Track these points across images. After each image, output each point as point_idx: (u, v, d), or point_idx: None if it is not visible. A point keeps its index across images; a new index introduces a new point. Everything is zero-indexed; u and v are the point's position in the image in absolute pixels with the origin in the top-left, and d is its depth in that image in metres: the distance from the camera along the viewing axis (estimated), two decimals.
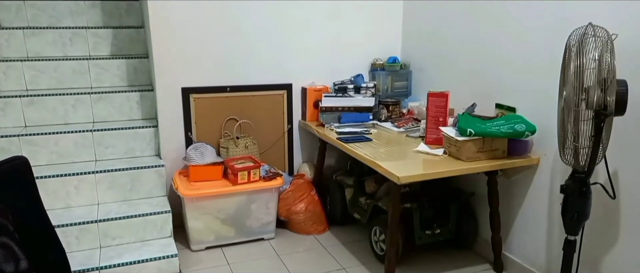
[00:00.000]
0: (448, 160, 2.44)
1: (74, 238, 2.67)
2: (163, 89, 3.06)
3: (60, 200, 2.83)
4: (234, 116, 3.25)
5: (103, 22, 3.61)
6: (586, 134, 1.81)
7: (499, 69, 2.66)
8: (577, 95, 1.78)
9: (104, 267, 2.55)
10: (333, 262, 2.86)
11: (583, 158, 1.86)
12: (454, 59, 3.02)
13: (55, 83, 3.28)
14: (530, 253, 2.59)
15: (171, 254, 2.68)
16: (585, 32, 1.78)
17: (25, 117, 3.07)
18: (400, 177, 2.20)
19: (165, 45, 2.99)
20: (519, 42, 2.51)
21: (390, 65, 3.43)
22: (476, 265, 2.81)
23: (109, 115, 3.23)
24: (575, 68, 1.78)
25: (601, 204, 2.13)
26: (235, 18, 3.11)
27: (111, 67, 3.38)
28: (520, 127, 2.35)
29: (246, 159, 3.08)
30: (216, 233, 2.98)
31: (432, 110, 2.67)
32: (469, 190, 2.89)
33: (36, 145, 2.93)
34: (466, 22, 2.89)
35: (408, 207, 2.70)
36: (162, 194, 3.04)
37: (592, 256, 2.22)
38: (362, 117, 3.17)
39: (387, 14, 3.49)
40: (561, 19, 2.24)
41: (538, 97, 2.41)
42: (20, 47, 3.34)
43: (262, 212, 3.05)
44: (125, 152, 3.11)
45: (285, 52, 3.27)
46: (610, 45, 1.75)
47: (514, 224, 2.68)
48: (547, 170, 2.43)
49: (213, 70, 3.14)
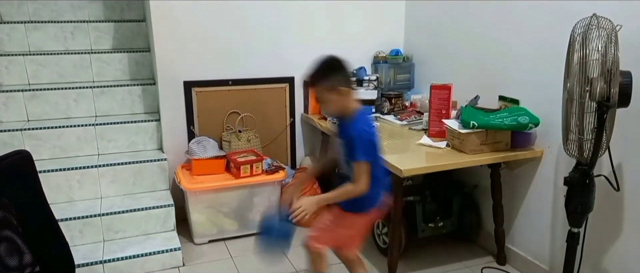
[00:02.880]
0: (451, 152, 2.43)
1: (78, 232, 2.68)
2: (165, 82, 3.06)
3: (63, 194, 2.84)
4: (236, 109, 3.24)
5: (104, 16, 3.60)
6: (589, 126, 1.80)
7: (503, 61, 2.65)
8: (581, 86, 1.77)
9: (108, 260, 2.56)
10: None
11: (587, 150, 1.85)
12: (457, 51, 3.00)
13: (57, 77, 3.28)
14: (534, 245, 2.59)
15: (174, 247, 2.69)
16: (590, 23, 1.77)
17: (28, 112, 3.07)
18: (403, 170, 2.20)
19: (167, 38, 2.98)
20: (522, 34, 2.50)
21: (392, 58, 3.41)
22: (479, 257, 2.81)
23: (111, 109, 3.23)
24: (579, 59, 1.77)
25: (605, 196, 2.12)
26: (237, 11, 3.10)
27: (113, 60, 3.38)
28: (524, 120, 2.34)
29: (248, 153, 3.07)
30: (219, 226, 2.99)
31: (435, 102, 2.65)
32: (472, 183, 2.88)
33: (39, 140, 2.93)
34: (469, 14, 2.87)
35: (411, 200, 2.70)
36: (165, 188, 3.04)
37: (595, 248, 2.22)
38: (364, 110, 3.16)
39: (389, 6, 3.47)
40: (565, 11, 2.22)
41: (542, 89, 2.40)
42: (22, 41, 3.34)
43: (264, 205, 3.05)
44: (128, 146, 3.12)
45: (288, 45, 3.25)
46: (615, 37, 1.74)
47: (517, 217, 2.68)
48: (551, 162, 2.42)
49: (215, 63, 3.13)
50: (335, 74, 1.86)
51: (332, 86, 1.85)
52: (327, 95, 1.87)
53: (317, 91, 1.90)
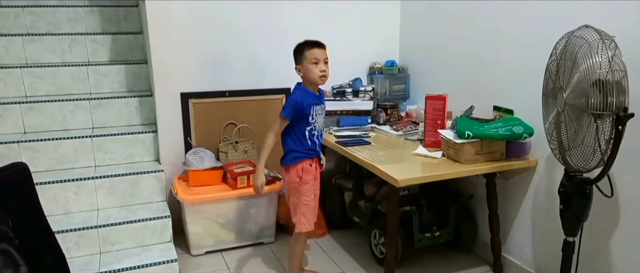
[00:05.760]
0: (446, 162, 2.45)
1: (74, 244, 2.67)
2: (162, 94, 3.07)
3: (60, 206, 2.83)
4: (233, 121, 3.26)
5: (102, 28, 3.62)
6: (592, 136, 1.76)
7: (497, 72, 2.67)
8: (592, 98, 1.71)
9: (104, 272, 2.55)
10: (333, 266, 2.86)
11: (594, 160, 1.81)
12: (452, 62, 3.03)
13: (54, 89, 3.28)
14: (529, 254, 2.59)
15: (171, 259, 2.68)
16: (582, 34, 1.78)
17: (25, 123, 3.07)
18: (399, 180, 2.21)
19: (163, 50, 3.00)
20: (516, 45, 2.52)
21: (388, 69, 3.44)
22: (475, 267, 2.81)
23: (108, 120, 3.24)
24: (588, 68, 1.72)
25: (599, 203, 2.13)
26: (233, 23, 3.12)
27: (110, 72, 3.39)
28: (518, 129, 2.36)
29: (245, 163, 3.08)
30: (216, 237, 2.98)
31: (430, 113, 2.67)
32: (467, 193, 2.89)
33: (35, 151, 2.93)
34: (464, 26, 2.90)
35: (407, 209, 2.70)
36: (162, 199, 3.04)
37: (591, 256, 2.22)
38: (360, 121, 3.18)
39: (384, 18, 3.50)
40: (558, 21, 2.25)
41: (536, 99, 2.41)
42: (19, 53, 3.34)
43: (261, 216, 3.06)
44: (125, 158, 3.12)
45: (283, 57, 3.23)
46: (616, 46, 1.72)
47: (512, 226, 2.68)
48: (545, 171, 2.43)
49: (212, 75, 3.15)
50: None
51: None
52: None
53: (325, 53, 2.36)
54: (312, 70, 2.32)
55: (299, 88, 2.40)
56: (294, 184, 2.42)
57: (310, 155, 2.42)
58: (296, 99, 2.33)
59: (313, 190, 2.46)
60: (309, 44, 2.35)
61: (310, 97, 2.37)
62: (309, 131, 2.38)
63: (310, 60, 2.32)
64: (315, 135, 2.41)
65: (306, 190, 2.42)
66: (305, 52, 2.33)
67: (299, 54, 2.36)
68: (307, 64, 2.33)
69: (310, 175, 2.42)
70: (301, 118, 2.35)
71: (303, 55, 2.34)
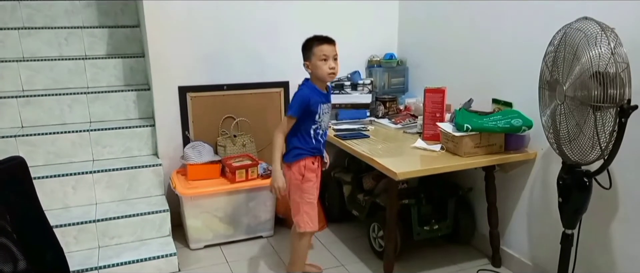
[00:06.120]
0: (445, 155, 2.45)
1: (73, 238, 2.67)
2: (160, 87, 3.06)
3: (58, 200, 2.83)
4: (231, 114, 3.25)
5: (99, 22, 3.60)
6: (592, 129, 1.75)
7: (496, 64, 2.67)
8: (595, 90, 1.69)
9: (103, 266, 2.55)
10: (332, 259, 2.86)
11: (593, 153, 1.80)
12: (451, 54, 3.02)
13: (51, 83, 3.27)
14: (528, 247, 2.60)
15: (170, 253, 2.68)
16: (582, 26, 1.77)
17: (22, 118, 3.06)
18: (398, 173, 2.20)
19: (161, 44, 2.99)
20: (515, 37, 2.52)
21: (386, 62, 3.43)
22: (474, 260, 2.82)
23: (105, 114, 3.23)
24: (591, 59, 1.70)
25: (597, 195, 2.13)
26: (231, 16, 3.11)
27: (107, 66, 3.37)
28: (517, 122, 2.36)
29: (244, 157, 3.08)
30: (214, 231, 2.99)
31: (429, 106, 2.67)
32: (466, 186, 2.89)
33: (33, 146, 2.92)
34: (462, 18, 2.89)
35: (406, 203, 2.70)
36: (160, 193, 3.04)
37: (589, 248, 2.23)
38: (359, 114, 3.18)
39: (383, 11, 3.49)
40: (557, 13, 2.24)
41: (534, 92, 2.40)
42: (16, 47, 3.33)
43: (260, 209, 3.06)
44: (123, 152, 3.11)
45: (282, 50, 3.26)
46: (616, 37, 1.71)
47: (511, 219, 2.69)
48: (544, 164, 2.43)
49: (209, 68, 3.14)
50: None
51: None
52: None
53: (335, 50, 2.29)
54: (321, 67, 2.24)
55: (306, 84, 2.32)
56: (296, 181, 2.35)
57: (314, 153, 2.36)
58: (303, 95, 2.26)
59: (316, 188, 2.43)
60: (318, 39, 2.27)
61: (318, 95, 2.29)
62: (314, 130, 2.31)
63: (319, 56, 2.23)
64: (320, 133, 2.35)
65: (309, 188, 2.36)
66: (314, 48, 2.25)
67: (308, 49, 2.28)
68: (315, 61, 2.25)
69: (312, 173, 2.37)
70: (308, 116, 2.28)
71: (311, 51, 2.25)
